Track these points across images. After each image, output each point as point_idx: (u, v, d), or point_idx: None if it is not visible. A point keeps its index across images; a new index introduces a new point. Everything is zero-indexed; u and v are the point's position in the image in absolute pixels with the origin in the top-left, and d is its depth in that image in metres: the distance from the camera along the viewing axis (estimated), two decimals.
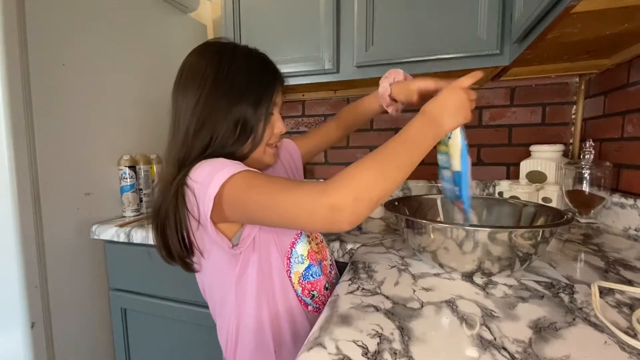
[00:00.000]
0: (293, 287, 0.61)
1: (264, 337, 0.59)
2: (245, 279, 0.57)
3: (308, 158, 0.88)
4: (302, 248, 0.63)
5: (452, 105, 0.54)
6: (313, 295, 0.63)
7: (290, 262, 0.61)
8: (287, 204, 0.45)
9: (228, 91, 0.55)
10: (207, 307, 0.96)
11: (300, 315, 0.62)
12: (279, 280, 0.60)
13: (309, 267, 0.63)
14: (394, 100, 0.76)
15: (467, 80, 0.56)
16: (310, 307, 0.63)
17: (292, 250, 0.62)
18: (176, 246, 0.54)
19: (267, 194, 0.47)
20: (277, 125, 0.62)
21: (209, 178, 0.49)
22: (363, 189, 0.43)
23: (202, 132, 0.54)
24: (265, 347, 0.59)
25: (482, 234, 0.52)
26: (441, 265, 0.59)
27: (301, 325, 0.62)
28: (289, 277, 0.61)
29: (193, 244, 0.55)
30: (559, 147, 1.08)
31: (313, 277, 0.63)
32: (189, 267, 0.59)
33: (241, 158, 0.58)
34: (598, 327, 0.41)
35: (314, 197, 0.43)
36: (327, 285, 0.65)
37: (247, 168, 0.51)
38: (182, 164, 0.54)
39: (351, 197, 0.42)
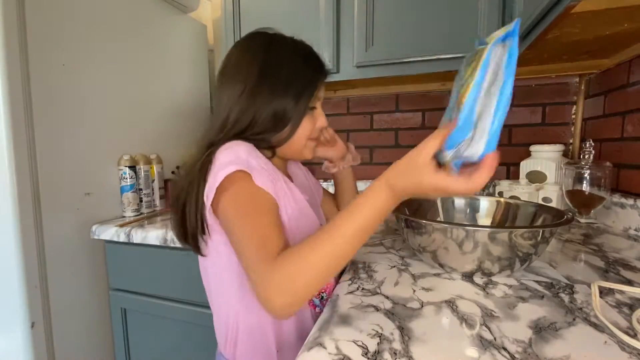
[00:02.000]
0: None
1: (266, 337, 0.58)
2: None
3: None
4: None
5: (430, 191, 0.40)
6: (322, 297, 0.63)
7: None
8: (250, 254, 0.45)
9: (273, 83, 0.55)
10: (207, 307, 0.96)
11: (308, 316, 0.61)
12: None
13: None
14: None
15: (435, 143, 0.40)
16: (317, 309, 0.62)
17: None
18: (192, 221, 0.53)
19: (246, 233, 0.46)
20: (320, 119, 0.62)
21: (224, 166, 0.49)
22: (303, 294, 0.41)
23: (241, 120, 0.55)
24: (265, 348, 0.58)
25: (482, 234, 0.52)
26: (441, 265, 0.59)
27: (309, 326, 0.60)
28: None
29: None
30: (559, 147, 1.08)
31: None
32: (199, 249, 0.58)
33: (277, 145, 0.59)
34: (598, 327, 0.41)
35: (262, 274, 0.41)
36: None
37: (261, 178, 0.50)
38: (211, 147, 0.54)
39: (288, 302, 0.40)
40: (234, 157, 0.50)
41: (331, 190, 0.88)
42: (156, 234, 0.96)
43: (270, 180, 0.51)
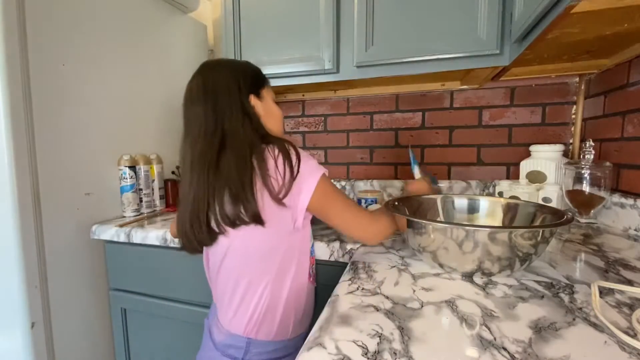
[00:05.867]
0: (309, 261, 0.72)
1: (287, 310, 0.66)
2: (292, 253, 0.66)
3: None
4: None
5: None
6: (312, 270, 0.73)
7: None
8: (359, 219, 0.68)
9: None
10: (206, 307, 0.96)
11: (310, 286, 0.72)
12: (307, 256, 0.70)
13: (313, 244, 0.75)
14: None
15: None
16: (311, 278, 0.73)
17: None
18: (252, 204, 0.63)
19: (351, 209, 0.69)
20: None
21: (315, 170, 0.66)
22: (387, 234, 0.70)
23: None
24: (285, 321, 0.67)
25: (482, 234, 0.52)
26: (441, 265, 0.59)
27: (310, 296, 0.73)
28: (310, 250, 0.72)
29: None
30: (559, 147, 1.08)
31: (312, 254, 0.74)
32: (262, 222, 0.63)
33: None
34: (598, 327, 0.41)
35: (369, 225, 0.68)
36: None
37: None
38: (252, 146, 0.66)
39: (382, 237, 0.70)
40: (315, 163, 0.64)
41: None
42: (156, 234, 0.96)
43: None
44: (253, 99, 0.66)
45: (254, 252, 0.64)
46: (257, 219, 0.60)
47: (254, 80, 0.69)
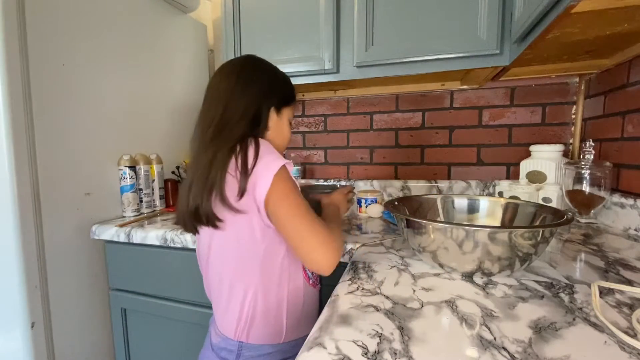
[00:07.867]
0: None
1: (279, 316, 0.64)
2: (275, 253, 0.62)
3: None
4: None
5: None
6: (312, 272, 0.71)
7: None
8: (311, 233, 0.58)
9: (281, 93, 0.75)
10: (207, 306, 0.96)
11: (309, 290, 0.69)
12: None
13: None
14: None
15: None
16: (311, 281, 0.70)
17: None
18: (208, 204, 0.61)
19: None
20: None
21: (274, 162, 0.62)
22: (339, 254, 0.59)
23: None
24: (278, 327, 0.64)
25: (482, 234, 0.52)
26: (441, 265, 0.59)
27: (310, 300, 0.69)
28: None
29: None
30: (559, 147, 1.08)
31: None
32: (217, 226, 0.61)
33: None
34: (598, 327, 0.41)
35: (320, 245, 0.57)
36: None
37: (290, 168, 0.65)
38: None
39: (337, 259, 0.58)
40: (276, 156, 0.58)
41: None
42: (156, 234, 0.96)
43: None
44: (272, 111, 0.67)
45: (230, 254, 0.62)
46: (212, 222, 0.58)
47: (283, 95, 0.70)
